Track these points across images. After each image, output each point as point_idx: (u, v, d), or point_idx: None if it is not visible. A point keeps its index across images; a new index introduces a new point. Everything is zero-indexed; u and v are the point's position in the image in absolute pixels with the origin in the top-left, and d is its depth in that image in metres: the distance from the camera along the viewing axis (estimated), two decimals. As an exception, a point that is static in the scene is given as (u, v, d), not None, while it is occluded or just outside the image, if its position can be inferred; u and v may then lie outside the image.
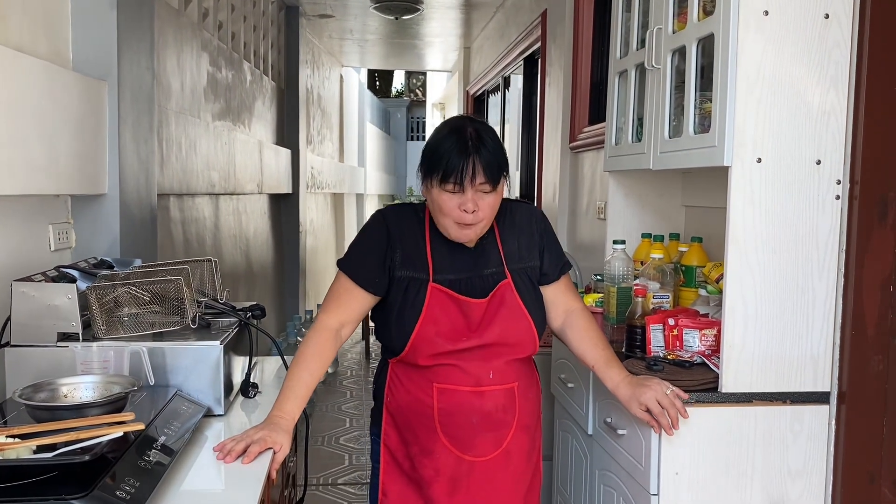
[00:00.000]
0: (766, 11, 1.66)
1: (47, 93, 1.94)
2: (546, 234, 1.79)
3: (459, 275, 1.68)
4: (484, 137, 1.61)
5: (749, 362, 1.73)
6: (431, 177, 1.61)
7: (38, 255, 2.10)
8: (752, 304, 1.72)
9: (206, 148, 3.63)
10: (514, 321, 1.68)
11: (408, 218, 1.74)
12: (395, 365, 1.75)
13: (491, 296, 1.67)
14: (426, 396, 1.70)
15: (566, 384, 2.35)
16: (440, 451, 1.70)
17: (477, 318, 1.66)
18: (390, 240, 1.70)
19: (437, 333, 1.65)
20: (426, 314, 1.65)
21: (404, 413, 1.73)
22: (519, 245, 1.74)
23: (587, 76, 3.55)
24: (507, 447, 1.72)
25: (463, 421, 1.69)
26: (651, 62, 2.05)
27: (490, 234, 1.72)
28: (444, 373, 1.68)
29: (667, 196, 2.56)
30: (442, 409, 1.68)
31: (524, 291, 1.71)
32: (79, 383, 1.52)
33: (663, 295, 2.15)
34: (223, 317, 2.00)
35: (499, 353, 1.69)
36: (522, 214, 1.78)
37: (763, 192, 1.70)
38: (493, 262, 1.71)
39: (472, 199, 1.59)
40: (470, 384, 1.68)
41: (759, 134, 1.69)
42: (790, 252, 1.72)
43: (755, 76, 1.67)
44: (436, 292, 1.66)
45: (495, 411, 1.70)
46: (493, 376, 1.69)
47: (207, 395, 1.72)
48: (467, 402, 1.68)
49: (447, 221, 1.63)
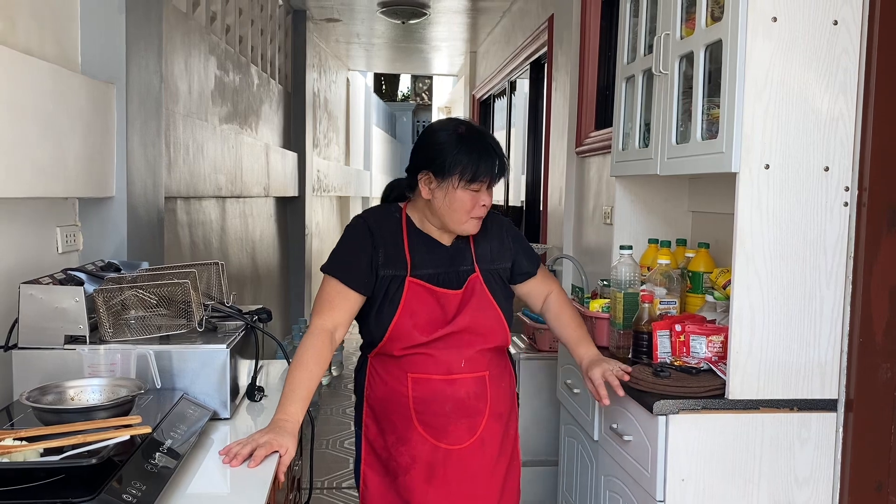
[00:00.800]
0: (775, 18, 1.66)
1: (55, 96, 1.95)
2: (517, 240, 1.94)
3: (437, 269, 1.79)
4: (495, 140, 1.79)
5: (756, 369, 1.73)
6: (451, 178, 1.73)
7: (46, 257, 2.11)
8: (760, 311, 1.72)
9: (213, 151, 3.63)
10: (483, 311, 1.79)
11: (387, 219, 1.84)
12: (374, 359, 1.85)
13: (465, 287, 1.79)
14: (401, 386, 1.79)
15: (572, 390, 2.35)
16: (416, 440, 1.78)
17: (453, 309, 1.77)
18: (374, 240, 1.79)
19: (413, 326, 1.75)
20: (403, 307, 1.75)
21: (382, 404, 1.82)
22: (491, 249, 1.87)
23: (594, 81, 3.55)
24: (482, 435, 1.80)
25: (437, 409, 1.78)
26: (659, 68, 2.05)
27: (465, 238, 1.85)
28: (417, 362, 1.78)
29: (673, 201, 2.55)
30: (416, 398, 1.78)
31: (492, 284, 1.83)
32: (86, 386, 1.53)
33: (670, 301, 2.14)
34: (229, 320, 2.01)
35: (470, 342, 1.79)
36: (492, 222, 1.91)
37: (771, 199, 1.70)
38: (468, 261, 1.83)
39: (487, 195, 1.76)
40: (441, 373, 1.77)
41: (766, 140, 1.68)
42: (798, 259, 1.71)
43: (763, 82, 1.67)
44: (413, 286, 1.76)
45: (467, 398, 1.79)
46: (464, 365, 1.78)
47: (213, 398, 1.72)
48: (440, 390, 1.77)
49: (463, 217, 1.75)
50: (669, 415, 1.71)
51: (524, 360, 2.83)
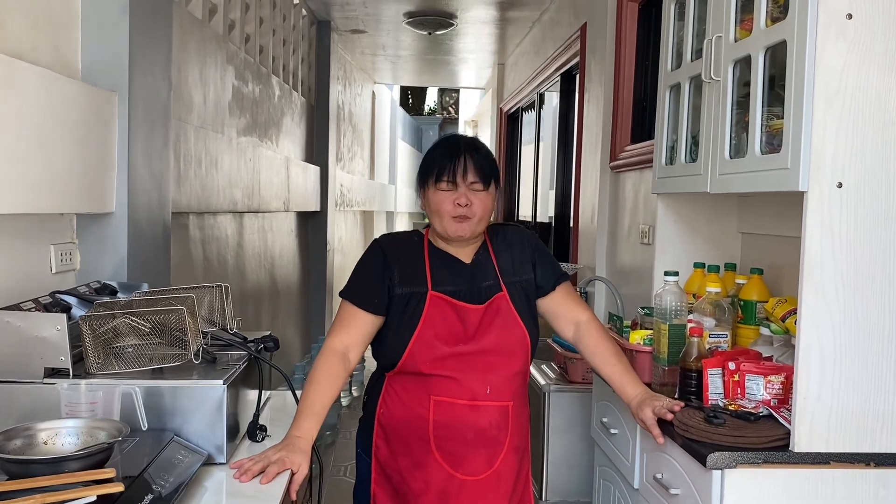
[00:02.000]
0: (850, 14, 1.45)
1: (47, 104, 1.79)
2: (538, 249, 1.86)
3: (458, 286, 1.75)
4: (476, 144, 1.77)
5: (826, 417, 1.50)
6: (427, 181, 1.75)
7: (38, 277, 1.95)
8: (831, 351, 1.49)
9: (228, 164, 3.48)
10: (508, 329, 1.74)
11: (404, 242, 1.83)
12: (392, 377, 1.77)
13: (487, 303, 1.74)
14: (422, 409, 1.73)
15: (609, 429, 2.13)
16: (432, 466, 1.72)
17: (474, 324, 1.72)
18: (386, 261, 1.77)
19: (435, 336, 1.70)
20: (425, 320, 1.71)
21: (397, 425, 1.76)
22: (513, 259, 1.82)
23: (630, 92, 3.34)
24: (499, 468, 1.74)
25: (457, 436, 1.72)
26: (709, 74, 1.84)
27: (485, 251, 1.81)
28: (441, 385, 1.71)
29: (721, 222, 2.34)
30: (437, 422, 1.72)
31: (518, 303, 1.77)
32: (60, 429, 1.34)
33: (721, 333, 1.93)
34: (232, 349, 1.83)
35: (495, 366, 1.72)
36: (513, 233, 1.87)
37: (844, 222, 1.48)
38: (490, 276, 1.78)
39: (464, 195, 1.71)
40: (466, 398, 1.71)
41: (839, 155, 1.47)
42: (876, 291, 1.49)
43: (836, 88, 1.46)
44: (435, 300, 1.73)
45: (489, 428, 1.73)
46: (489, 392, 1.72)
47: (208, 440, 1.54)
48: (462, 417, 1.71)
49: (444, 219, 1.73)
50: (725, 469, 1.49)
51: (555, 391, 2.61)
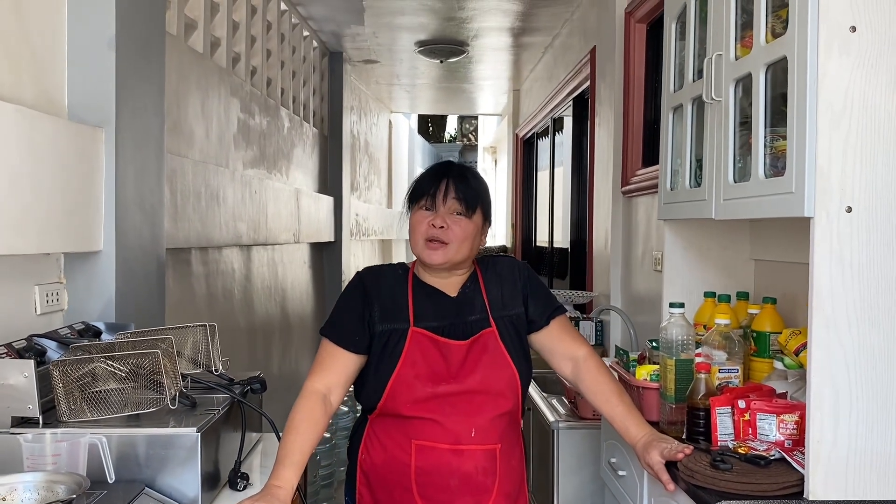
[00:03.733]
0: (854, 27, 1.36)
1: (26, 142, 1.75)
2: (530, 282, 1.77)
3: (442, 321, 1.67)
4: (464, 171, 1.72)
5: (843, 462, 1.38)
6: (410, 205, 1.72)
7: (21, 319, 1.90)
8: (845, 389, 1.38)
9: (231, 197, 3.43)
10: (496, 369, 1.65)
11: (387, 275, 1.75)
12: (374, 420, 1.70)
13: (472, 340, 1.66)
14: (403, 454, 1.64)
15: (616, 471, 2.01)
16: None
17: (457, 362, 1.64)
18: (366, 297, 1.70)
19: (415, 376, 1.62)
20: (405, 358, 1.63)
21: (379, 472, 1.67)
22: (503, 293, 1.73)
23: (640, 115, 3.25)
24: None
25: (441, 483, 1.62)
26: (710, 94, 1.75)
27: (474, 283, 1.73)
28: (423, 428, 1.63)
29: (732, 248, 2.23)
30: (420, 469, 1.63)
31: (508, 341, 1.68)
32: (18, 483, 1.28)
33: (731, 368, 1.81)
34: (216, 391, 1.76)
35: (480, 408, 1.63)
36: (505, 265, 1.79)
37: (855, 249, 1.37)
38: (478, 310, 1.70)
39: (441, 217, 1.65)
40: (449, 441, 1.62)
41: (847, 177, 1.36)
42: (892, 323, 1.37)
43: (841, 107, 1.36)
44: (416, 336, 1.65)
45: (476, 474, 1.63)
46: (474, 434, 1.63)
47: (181, 492, 1.46)
48: (446, 462, 1.62)
49: (418, 242, 1.67)
50: (734, 520, 1.38)
51: (563, 429, 2.49)
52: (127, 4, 2.14)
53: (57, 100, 2.04)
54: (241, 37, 3.78)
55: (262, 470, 1.79)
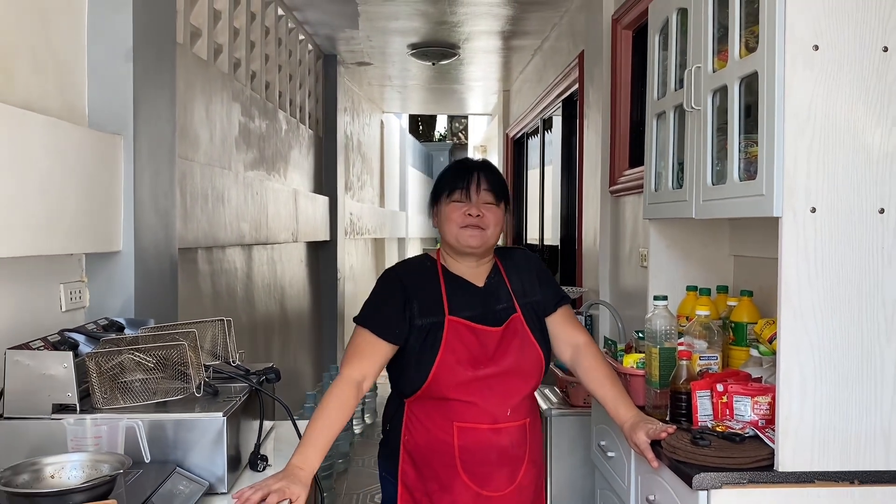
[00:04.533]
0: (817, 46, 1.51)
1: (54, 150, 1.88)
2: (541, 271, 1.95)
3: (474, 311, 1.82)
4: (488, 164, 1.89)
5: (809, 437, 1.53)
6: (441, 197, 1.87)
7: (49, 316, 2.02)
8: (811, 372, 1.53)
9: (235, 199, 3.57)
10: (525, 351, 1.82)
11: (418, 269, 1.90)
12: (412, 404, 1.83)
13: (505, 326, 1.82)
14: (446, 435, 1.79)
15: (606, 452, 2.16)
16: (459, 488, 1.79)
17: (492, 346, 1.79)
18: (406, 292, 1.82)
19: (457, 361, 1.76)
20: (445, 345, 1.77)
21: (423, 452, 1.82)
22: (522, 281, 1.90)
23: (626, 117, 3.40)
24: (520, 482, 1.82)
25: (482, 458, 1.79)
26: (690, 103, 1.90)
27: (497, 273, 1.90)
28: (463, 410, 1.77)
29: (713, 245, 2.38)
30: (462, 447, 1.78)
31: (532, 325, 1.85)
32: (65, 462, 1.41)
33: (711, 356, 1.96)
34: (234, 381, 1.89)
35: (516, 388, 1.80)
36: (520, 256, 1.97)
37: (819, 246, 1.52)
38: (504, 299, 1.86)
39: (476, 206, 1.82)
40: (488, 421, 1.78)
41: (812, 180, 1.52)
42: (853, 312, 1.53)
43: (806, 116, 1.51)
44: (453, 324, 1.79)
45: (510, 447, 1.80)
46: (510, 413, 1.79)
47: (209, 471, 1.59)
48: (486, 439, 1.78)
49: (455, 230, 1.83)
50: (711, 489, 1.53)
51: (556, 415, 2.64)
52: (143, 18, 2.27)
53: (78, 108, 2.16)
54: (242, 42, 3.91)
55: (276, 454, 1.93)
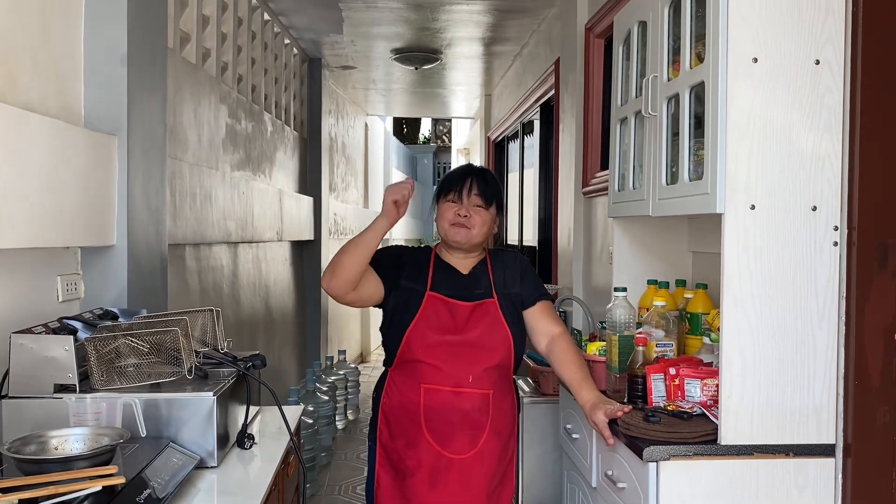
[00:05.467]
0: (755, 58, 1.66)
1: (54, 149, 2.00)
2: (526, 270, 2.18)
3: (453, 290, 2.08)
4: (485, 173, 2.14)
5: (749, 413, 1.69)
6: (440, 196, 2.13)
7: (46, 305, 2.14)
8: (750, 354, 1.68)
9: (222, 198, 3.69)
10: (493, 329, 2.04)
11: (416, 252, 2.19)
12: (393, 371, 2.11)
13: (476, 304, 2.06)
14: (414, 395, 2.04)
15: (571, 435, 2.31)
16: (423, 445, 2.02)
17: (463, 318, 2.04)
18: (401, 258, 2.14)
19: (427, 327, 2.02)
20: (421, 313, 2.04)
21: (395, 412, 2.08)
22: (505, 276, 2.14)
23: (598, 122, 3.56)
24: (482, 448, 2.02)
25: (444, 417, 2.01)
26: (647, 110, 2.05)
27: (483, 266, 2.15)
28: (430, 373, 2.02)
29: (673, 242, 2.53)
30: (427, 406, 2.02)
31: (506, 311, 2.07)
32: (69, 435, 1.54)
33: (667, 343, 2.11)
34: (223, 367, 2.02)
35: (477, 358, 2.02)
36: (509, 256, 2.20)
37: (757, 240, 1.68)
38: (483, 286, 2.10)
39: (465, 208, 2.07)
40: (451, 384, 2.01)
41: (751, 181, 1.67)
42: (788, 300, 1.68)
43: (746, 123, 1.67)
44: (431, 299, 2.06)
45: (472, 412, 2.01)
46: (471, 381, 2.01)
47: (200, 446, 1.72)
48: (448, 402, 2.01)
49: (446, 225, 2.09)
50: (660, 461, 1.67)
51: (528, 403, 2.79)
52: (137, 24, 2.40)
53: (75, 110, 2.29)
54: (229, 47, 4.03)
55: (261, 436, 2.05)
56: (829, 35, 1.67)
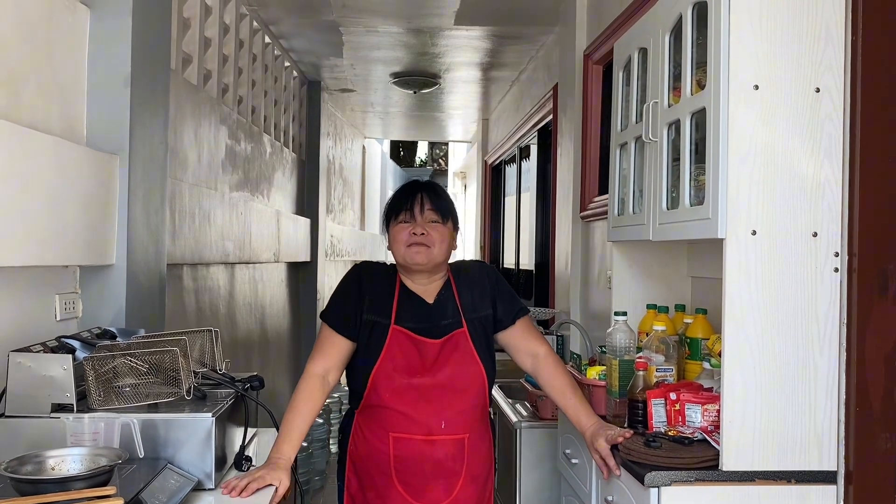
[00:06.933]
0: (757, 86, 1.68)
1: (56, 167, 2.00)
2: (497, 285, 2.03)
3: (419, 324, 1.92)
4: (433, 185, 1.99)
5: (750, 439, 1.68)
6: (389, 220, 1.96)
7: (44, 324, 2.13)
8: (752, 379, 1.68)
9: (220, 218, 3.69)
10: (464, 365, 1.90)
11: (380, 272, 2.02)
12: (359, 415, 1.97)
13: (445, 339, 1.91)
14: (383, 444, 1.90)
15: (570, 460, 2.29)
16: (394, 497, 1.89)
17: (431, 357, 1.89)
18: (361, 287, 1.96)
19: (394, 368, 1.88)
20: (386, 352, 1.89)
21: (364, 460, 1.94)
22: (473, 297, 1.98)
23: (596, 147, 3.58)
24: (457, 496, 1.90)
25: (416, 468, 1.88)
26: (648, 135, 2.06)
27: (447, 289, 1.99)
28: (399, 421, 1.88)
29: (672, 266, 2.54)
30: (397, 457, 1.89)
31: (476, 340, 1.94)
32: (66, 455, 1.52)
33: (667, 368, 2.11)
34: (220, 388, 2.00)
35: (450, 402, 1.88)
36: (475, 270, 2.05)
37: (759, 265, 1.68)
38: (451, 314, 1.95)
39: (421, 225, 1.91)
40: (422, 433, 1.88)
41: (753, 206, 1.68)
42: (789, 326, 1.69)
43: (747, 149, 1.68)
44: (396, 333, 1.91)
45: (446, 460, 1.89)
46: (444, 426, 1.88)
47: (198, 467, 1.71)
48: (419, 451, 1.88)
49: (403, 248, 1.92)
50: (661, 487, 1.66)
51: (525, 428, 2.78)
52: (140, 46, 2.41)
53: (77, 129, 2.29)
54: (230, 68, 4.05)
55: (258, 459, 2.04)
56: (829, 63, 1.69)
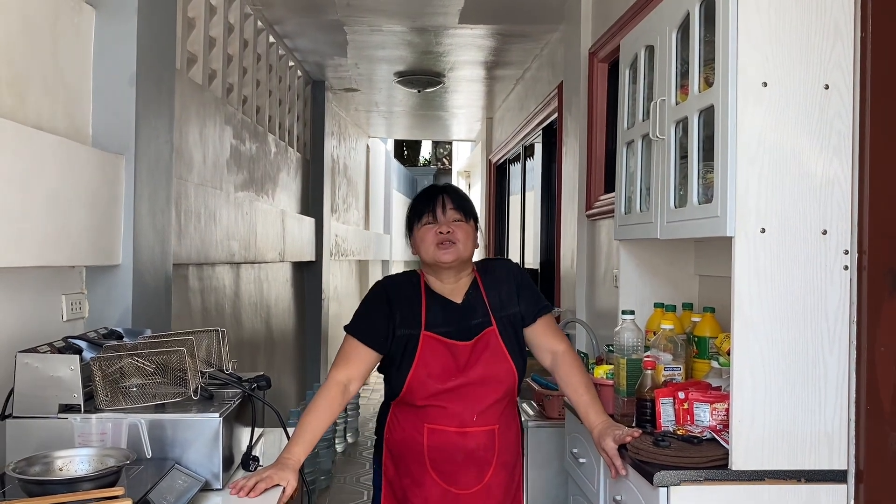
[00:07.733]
0: (765, 83, 1.67)
1: (62, 168, 2.00)
2: (522, 283, 2.07)
3: (449, 327, 1.97)
4: (452, 187, 2.07)
5: (759, 438, 1.67)
6: (414, 224, 2.03)
7: (51, 325, 2.13)
8: (761, 378, 1.67)
9: (226, 218, 3.69)
10: (496, 363, 1.95)
11: (404, 285, 2.06)
12: (395, 406, 2.03)
13: (476, 339, 1.96)
14: (418, 435, 1.97)
15: (578, 459, 2.29)
16: (429, 483, 1.96)
17: (464, 359, 1.94)
18: (391, 305, 2.00)
19: (428, 375, 1.93)
20: (419, 360, 1.94)
21: (399, 448, 2.01)
22: (500, 295, 2.03)
23: (602, 145, 3.57)
24: (488, 482, 1.96)
25: (449, 457, 1.95)
26: (655, 133, 2.06)
27: (475, 289, 2.03)
28: (434, 414, 1.95)
29: (679, 265, 2.53)
30: (431, 447, 1.95)
31: (507, 338, 1.98)
32: (74, 456, 1.52)
33: (675, 367, 2.10)
34: (227, 388, 2.00)
35: (483, 396, 1.94)
36: (500, 268, 2.10)
37: (768, 263, 1.67)
38: (480, 313, 2.00)
39: (446, 224, 1.98)
40: (455, 425, 1.94)
41: (762, 204, 1.67)
42: (799, 324, 1.68)
43: (756, 147, 1.67)
44: (427, 340, 1.96)
45: (477, 450, 1.95)
46: (476, 419, 1.94)
47: (206, 468, 1.70)
48: (452, 442, 1.94)
49: (431, 249, 1.98)
50: (671, 486, 1.66)
51: (532, 427, 2.77)
52: (146, 46, 2.41)
53: (82, 129, 2.29)
54: (235, 68, 4.05)
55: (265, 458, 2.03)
56: (838, 60, 1.68)
